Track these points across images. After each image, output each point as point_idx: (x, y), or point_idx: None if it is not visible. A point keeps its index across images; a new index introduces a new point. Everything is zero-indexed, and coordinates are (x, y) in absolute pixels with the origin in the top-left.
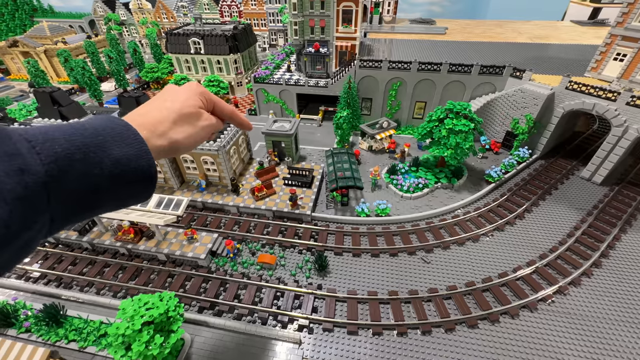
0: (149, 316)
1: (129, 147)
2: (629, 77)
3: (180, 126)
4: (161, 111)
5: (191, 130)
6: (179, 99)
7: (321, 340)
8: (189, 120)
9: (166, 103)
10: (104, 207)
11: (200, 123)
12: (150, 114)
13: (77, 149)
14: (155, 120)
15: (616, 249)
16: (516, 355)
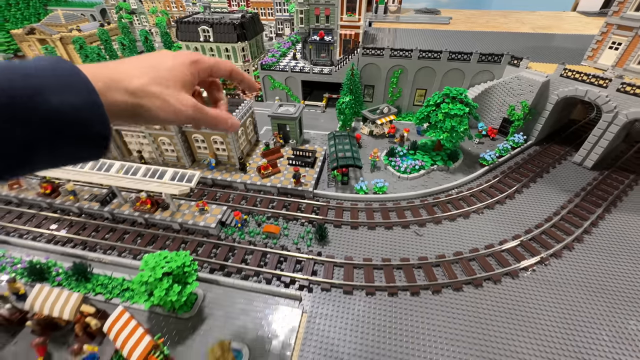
0: (168, 267)
1: (74, 96)
2: (623, 65)
3: (151, 90)
4: (134, 68)
5: (162, 102)
6: (163, 64)
7: (319, 298)
8: (166, 89)
9: (144, 62)
10: (37, 164)
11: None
12: (118, 67)
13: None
14: (121, 73)
15: (599, 227)
16: (496, 315)
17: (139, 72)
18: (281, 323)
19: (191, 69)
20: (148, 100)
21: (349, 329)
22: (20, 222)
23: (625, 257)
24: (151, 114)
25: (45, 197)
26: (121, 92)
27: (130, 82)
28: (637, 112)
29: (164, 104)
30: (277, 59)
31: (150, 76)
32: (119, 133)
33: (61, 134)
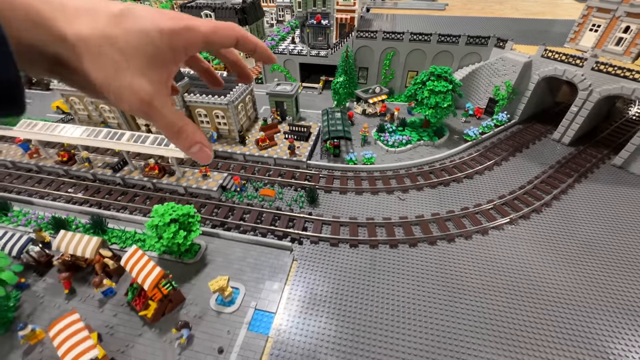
0: (175, 215)
1: None
2: (602, 47)
3: (98, 49)
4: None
5: (103, 75)
6: (137, 19)
7: (308, 249)
8: (121, 57)
9: (112, 4)
10: None
11: (128, 82)
12: None
13: None
14: (61, 10)
15: (568, 194)
16: (466, 264)
17: (89, 17)
18: (274, 268)
19: (175, 39)
20: (83, 59)
21: (332, 275)
22: (40, 186)
23: (587, 220)
24: (80, 80)
25: (62, 165)
26: (44, 34)
27: (70, 25)
28: (608, 89)
29: (102, 74)
30: (277, 43)
31: (101, 30)
32: None
33: None
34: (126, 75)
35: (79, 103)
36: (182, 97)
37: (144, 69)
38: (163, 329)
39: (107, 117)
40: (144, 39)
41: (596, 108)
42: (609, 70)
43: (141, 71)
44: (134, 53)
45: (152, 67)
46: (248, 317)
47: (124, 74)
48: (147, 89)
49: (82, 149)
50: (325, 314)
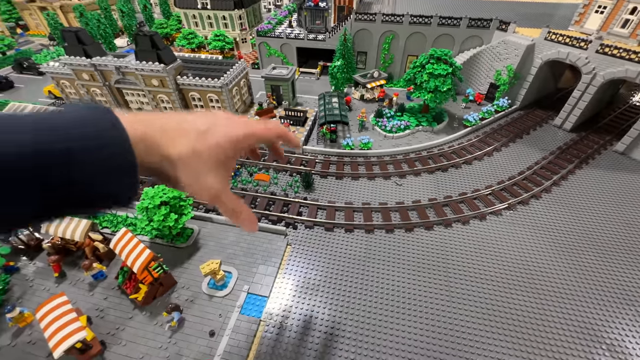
0: (165, 197)
1: (108, 154)
2: (607, 29)
3: (185, 162)
4: (179, 131)
5: (187, 177)
6: (211, 135)
7: (303, 234)
8: (199, 164)
9: (192, 124)
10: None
11: (203, 181)
12: (164, 127)
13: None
14: (164, 136)
15: (568, 180)
16: (463, 250)
17: (183, 138)
18: (267, 253)
19: (239, 145)
20: (177, 168)
21: (326, 260)
22: None
23: (587, 207)
24: (171, 181)
25: None
26: (157, 156)
27: (172, 148)
28: (612, 72)
29: (187, 179)
30: (274, 26)
31: (192, 147)
32: (120, 91)
33: (90, 192)
34: (204, 178)
35: (70, 87)
36: (175, 79)
37: (216, 171)
38: (154, 312)
39: (99, 101)
40: (220, 150)
41: (599, 93)
42: (614, 53)
43: (214, 173)
44: (211, 162)
45: (221, 168)
46: (240, 301)
47: (203, 178)
48: (217, 187)
49: None
50: (319, 298)
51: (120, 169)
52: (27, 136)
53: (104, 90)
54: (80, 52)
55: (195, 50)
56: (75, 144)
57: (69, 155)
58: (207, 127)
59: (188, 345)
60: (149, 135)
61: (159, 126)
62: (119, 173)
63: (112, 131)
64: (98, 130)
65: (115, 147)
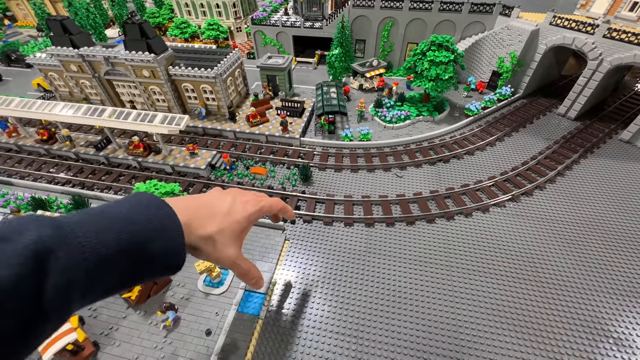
0: (158, 192)
1: (168, 242)
2: (614, 13)
3: (213, 239)
4: (210, 215)
5: (212, 249)
6: (234, 214)
7: (301, 228)
8: (223, 238)
9: (220, 207)
10: (135, 284)
11: (225, 251)
12: (198, 211)
13: (121, 251)
14: (200, 219)
15: (573, 170)
16: (466, 242)
17: (212, 220)
18: (265, 248)
19: (253, 217)
20: (206, 244)
21: (326, 254)
22: (20, 166)
23: (592, 197)
24: (200, 253)
25: (42, 144)
26: (194, 236)
27: (204, 229)
28: (620, 58)
29: (213, 251)
30: (269, 14)
31: (218, 227)
32: (110, 83)
33: (154, 268)
34: (227, 249)
35: (58, 79)
36: (167, 70)
37: (234, 242)
38: (148, 312)
39: (89, 93)
40: (238, 225)
41: (605, 80)
42: (622, 38)
43: (233, 244)
44: (232, 235)
45: (238, 239)
46: (237, 298)
47: (225, 249)
48: (235, 254)
49: (62, 127)
50: (319, 294)
51: (177, 248)
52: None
53: (93, 82)
54: (67, 42)
55: (188, 40)
56: (152, 234)
57: (149, 242)
58: (228, 209)
59: (184, 344)
60: (189, 222)
61: (193, 212)
62: (177, 250)
63: (172, 223)
64: (163, 223)
65: (174, 232)
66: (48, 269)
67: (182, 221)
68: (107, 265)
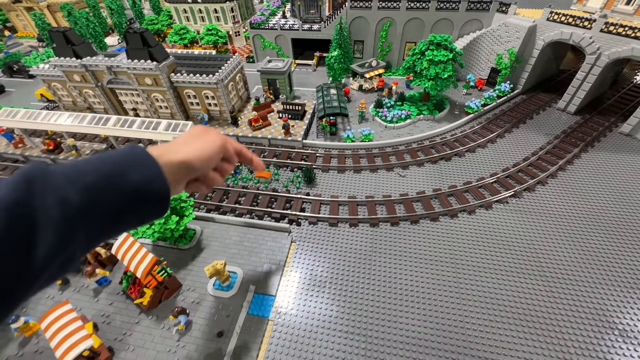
0: None
1: (145, 170)
2: (611, 7)
3: (191, 142)
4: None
5: (202, 143)
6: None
7: (307, 230)
8: (201, 136)
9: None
10: (126, 225)
11: (209, 137)
12: (169, 144)
13: (103, 178)
14: (172, 145)
15: (574, 164)
16: (470, 240)
17: (184, 146)
18: (272, 251)
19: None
20: (189, 149)
21: (332, 255)
22: None
23: (594, 190)
24: (197, 156)
25: (49, 154)
26: (172, 153)
27: (176, 146)
28: (617, 51)
29: (204, 143)
30: (267, 18)
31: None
32: (113, 92)
33: (139, 200)
34: (211, 139)
35: (62, 89)
36: (169, 77)
37: (212, 133)
38: (160, 316)
39: (92, 102)
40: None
41: (603, 74)
42: (619, 31)
43: (212, 134)
44: (205, 133)
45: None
46: (247, 301)
47: (210, 140)
48: (222, 139)
49: (68, 137)
50: (327, 294)
51: (155, 174)
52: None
53: (96, 91)
54: (69, 52)
55: (187, 45)
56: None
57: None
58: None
59: (197, 347)
60: (161, 154)
61: (165, 146)
62: (155, 176)
63: (144, 155)
64: (137, 156)
65: (147, 161)
66: (37, 190)
67: (154, 154)
68: (95, 193)
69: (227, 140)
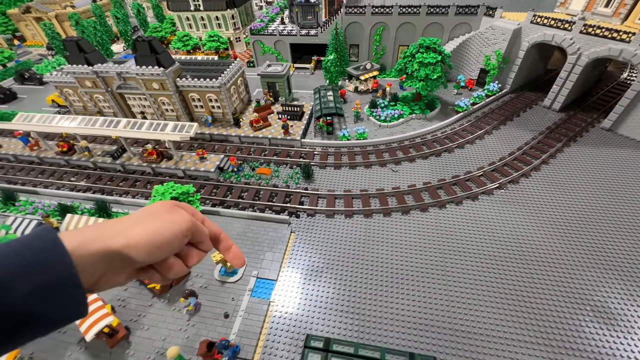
0: (175, 193)
1: (46, 274)
2: (591, 9)
3: (147, 221)
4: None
5: (159, 224)
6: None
7: (305, 221)
8: (162, 215)
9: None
10: (20, 342)
11: (173, 217)
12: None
13: None
14: (118, 223)
15: (557, 158)
16: (455, 228)
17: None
18: (273, 240)
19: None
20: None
21: (329, 244)
22: (44, 176)
23: (575, 182)
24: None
25: (62, 155)
26: (107, 239)
27: (121, 233)
28: (596, 51)
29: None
30: (266, 24)
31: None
32: (122, 96)
33: (35, 317)
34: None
35: (73, 94)
36: (175, 82)
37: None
38: (171, 300)
39: (102, 106)
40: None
41: (585, 72)
42: (597, 33)
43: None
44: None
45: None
46: (250, 285)
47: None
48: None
49: (81, 139)
50: (323, 279)
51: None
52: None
53: (106, 96)
54: (82, 60)
55: (190, 52)
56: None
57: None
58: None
59: (205, 326)
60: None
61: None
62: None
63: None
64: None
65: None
66: None
67: (73, 243)
68: None
69: (197, 224)
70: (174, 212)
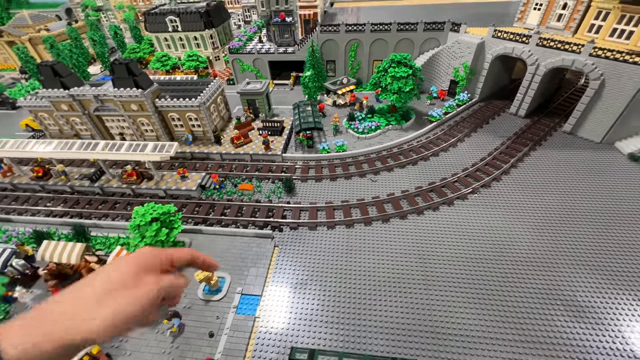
0: (156, 214)
1: None
2: (545, 23)
3: (111, 298)
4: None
5: (125, 301)
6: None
7: (288, 235)
8: (124, 288)
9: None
10: None
11: (141, 290)
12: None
13: None
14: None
15: (524, 162)
16: (435, 233)
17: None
18: (257, 256)
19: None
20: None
21: (312, 255)
22: (17, 203)
23: (542, 183)
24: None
25: (37, 180)
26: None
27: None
28: (552, 62)
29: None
30: (244, 43)
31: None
32: (99, 119)
33: None
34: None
35: (48, 118)
36: (153, 103)
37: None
38: (155, 322)
39: (79, 129)
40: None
41: (545, 81)
42: (551, 45)
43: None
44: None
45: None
46: (235, 302)
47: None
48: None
49: (57, 163)
50: (308, 291)
51: None
52: None
53: (83, 118)
54: (57, 84)
55: (169, 72)
56: None
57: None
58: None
59: (190, 347)
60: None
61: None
62: None
63: None
64: None
65: None
66: None
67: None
68: None
69: (164, 287)
70: (139, 284)
